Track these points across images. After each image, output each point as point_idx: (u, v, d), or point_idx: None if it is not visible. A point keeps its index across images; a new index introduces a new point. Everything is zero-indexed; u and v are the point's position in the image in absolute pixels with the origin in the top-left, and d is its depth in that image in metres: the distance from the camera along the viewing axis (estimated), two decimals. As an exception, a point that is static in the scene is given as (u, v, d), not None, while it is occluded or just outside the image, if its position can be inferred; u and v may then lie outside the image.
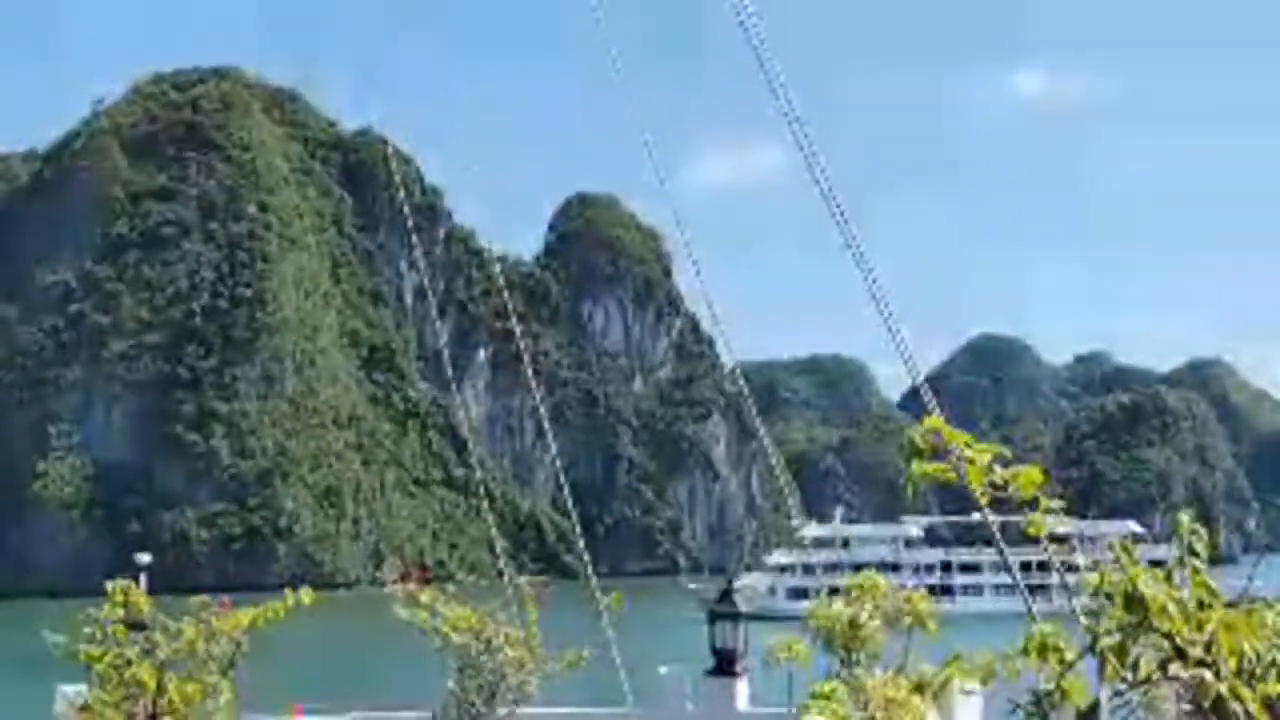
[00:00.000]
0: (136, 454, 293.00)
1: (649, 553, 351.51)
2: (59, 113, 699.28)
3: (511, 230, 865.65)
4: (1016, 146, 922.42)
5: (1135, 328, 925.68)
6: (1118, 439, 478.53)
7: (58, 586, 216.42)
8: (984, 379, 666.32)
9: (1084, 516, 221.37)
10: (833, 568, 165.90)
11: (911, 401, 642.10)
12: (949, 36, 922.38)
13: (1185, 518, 4.80)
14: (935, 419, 4.77)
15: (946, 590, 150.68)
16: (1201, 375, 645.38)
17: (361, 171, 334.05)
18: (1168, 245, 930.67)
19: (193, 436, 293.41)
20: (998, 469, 4.65)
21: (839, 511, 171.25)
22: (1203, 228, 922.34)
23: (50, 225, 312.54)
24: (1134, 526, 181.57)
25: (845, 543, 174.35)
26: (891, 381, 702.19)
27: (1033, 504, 4.72)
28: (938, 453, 4.76)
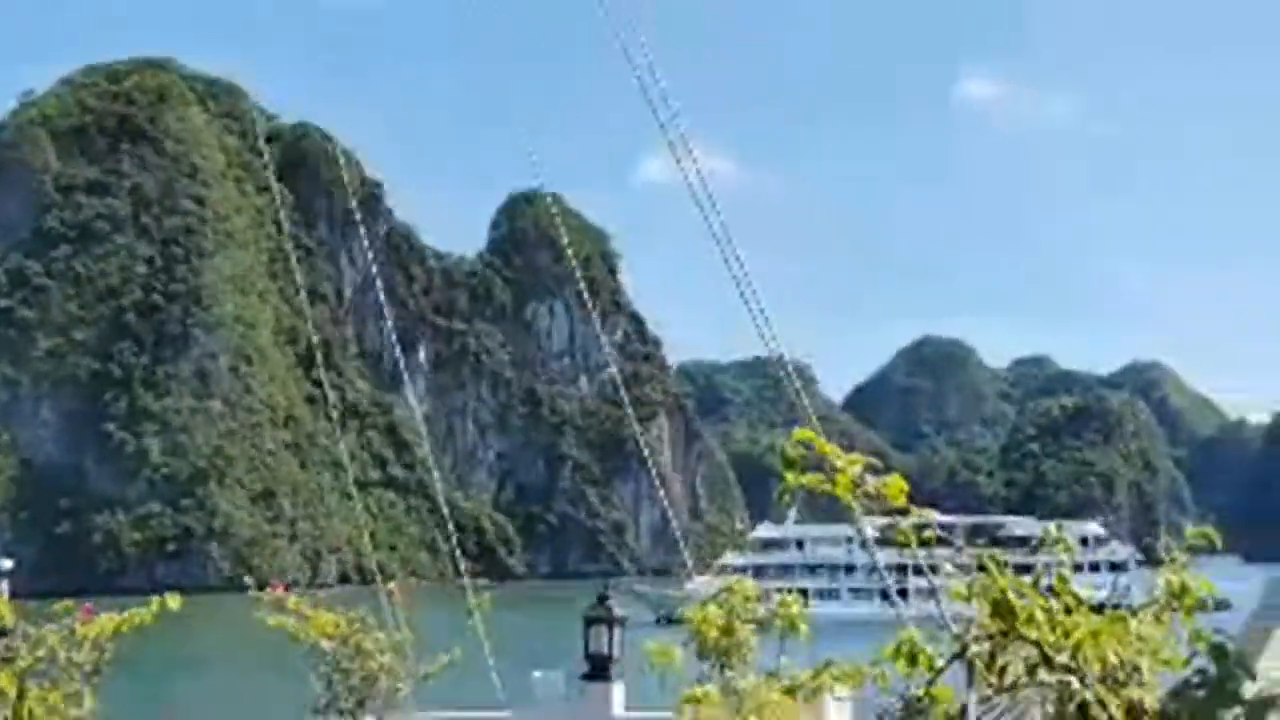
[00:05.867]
0: (66, 453, 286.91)
1: (593, 554, 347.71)
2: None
3: (450, 227, 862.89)
4: (961, 157, 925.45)
5: (1075, 332, 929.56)
6: (1062, 442, 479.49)
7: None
8: (927, 381, 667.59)
9: (1033, 517, 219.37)
10: (786, 569, 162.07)
11: (854, 403, 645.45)
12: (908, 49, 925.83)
13: (1053, 527, 4.91)
14: (807, 430, 4.77)
15: (901, 593, 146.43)
16: (1142, 379, 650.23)
17: (300, 166, 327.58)
18: (1107, 251, 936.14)
19: (124, 435, 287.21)
20: (869, 479, 4.63)
21: (792, 512, 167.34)
22: (1142, 235, 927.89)
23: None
24: (1096, 528, 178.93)
25: (799, 544, 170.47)
26: (835, 383, 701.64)
27: (903, 512, 4.68)
28: (814, 464, 4.75)
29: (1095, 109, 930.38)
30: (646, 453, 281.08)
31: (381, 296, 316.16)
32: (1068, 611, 4.27)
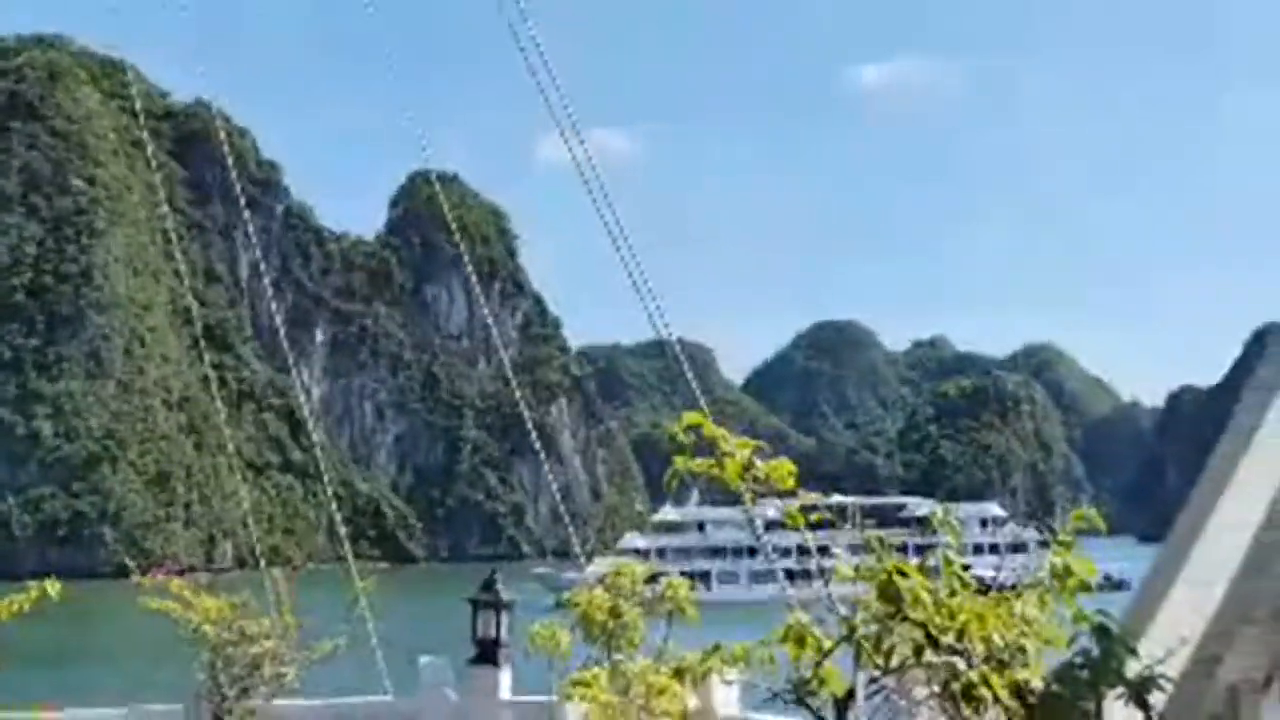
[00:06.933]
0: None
1: (492, 537, 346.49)
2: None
3: (350, 209, 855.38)
4: (862, 135, 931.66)
5: (971, 314, 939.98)
6: (959, 424, 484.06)
7: None
8: (826, 364, 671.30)
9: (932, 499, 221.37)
10: (687, 552, 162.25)
11: (754, 385, 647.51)
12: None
13: (940, 510, 4.90)
14: (696, 414, 4.81)
15: (804, 574, 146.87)
16: (1037, 360, 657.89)
17: (194, 145, 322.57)
18: (1001, 230, 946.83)
19: (15, 418, 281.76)
20: (757, 462, 4.67)
21: (694, 494, 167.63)
22: (1034, 214, 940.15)
23: None
24: (996, 509, 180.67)
25: (700, 526, 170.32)
26: (734, 366, 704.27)
27: (791, 494, 4.75)
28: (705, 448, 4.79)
29: (989, 88, 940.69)
30: (544, 436, 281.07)
31: (266, 280, 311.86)
32: (953, 593, 4.33)
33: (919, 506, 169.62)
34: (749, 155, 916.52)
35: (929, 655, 4.28)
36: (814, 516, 4.98)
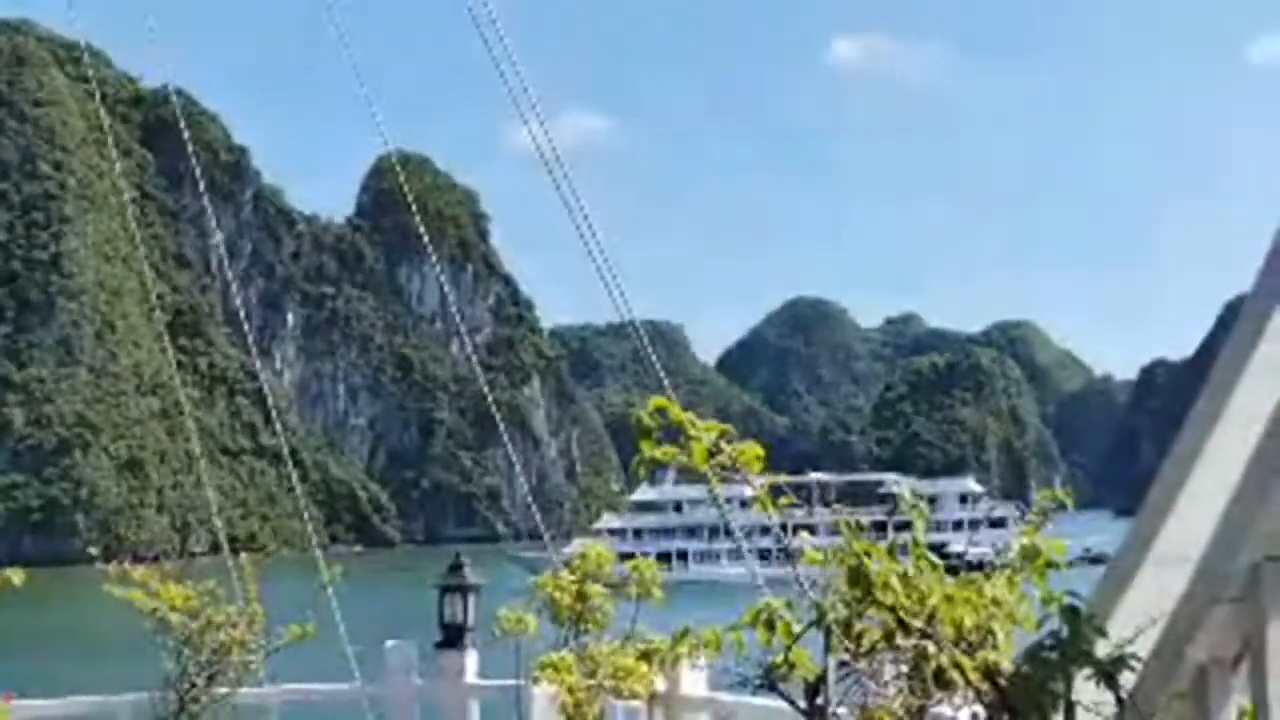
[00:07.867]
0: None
1: (468, 519, 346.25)
2: None
3: (320, 192, 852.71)
4: (836, 112, 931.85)
5: (942, 290, 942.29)
6: (933, 400, 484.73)
7: None
8: (799, 342, 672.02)
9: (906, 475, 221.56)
10: (665, 531, 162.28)
11: (728, 364, 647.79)
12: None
13: (908, 491, 4.87)
14: (662, 399, 4.80)
15: (780, 554, 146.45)
16: (1009, 336, 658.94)
17: (165, 130, 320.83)
18: (972, 206, 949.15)
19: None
20: (724, 446, 4.68)
21: (670, 475, 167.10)
22: (1005, 191, 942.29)
23: None
24: (973, 485, 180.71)
25: (677, 506, 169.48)
26: (707, 345, 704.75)
27: (763, 475, 4.75)
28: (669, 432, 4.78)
29: (964, 65, 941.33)
30: (517, 417, 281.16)
31: (227, 266, 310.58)
32: (921, 573, 4.30)
33: (896, 483, 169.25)
34: (738, 145, 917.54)
35: (899, 639, 4.28)
36: (783, 500, 4.96)
